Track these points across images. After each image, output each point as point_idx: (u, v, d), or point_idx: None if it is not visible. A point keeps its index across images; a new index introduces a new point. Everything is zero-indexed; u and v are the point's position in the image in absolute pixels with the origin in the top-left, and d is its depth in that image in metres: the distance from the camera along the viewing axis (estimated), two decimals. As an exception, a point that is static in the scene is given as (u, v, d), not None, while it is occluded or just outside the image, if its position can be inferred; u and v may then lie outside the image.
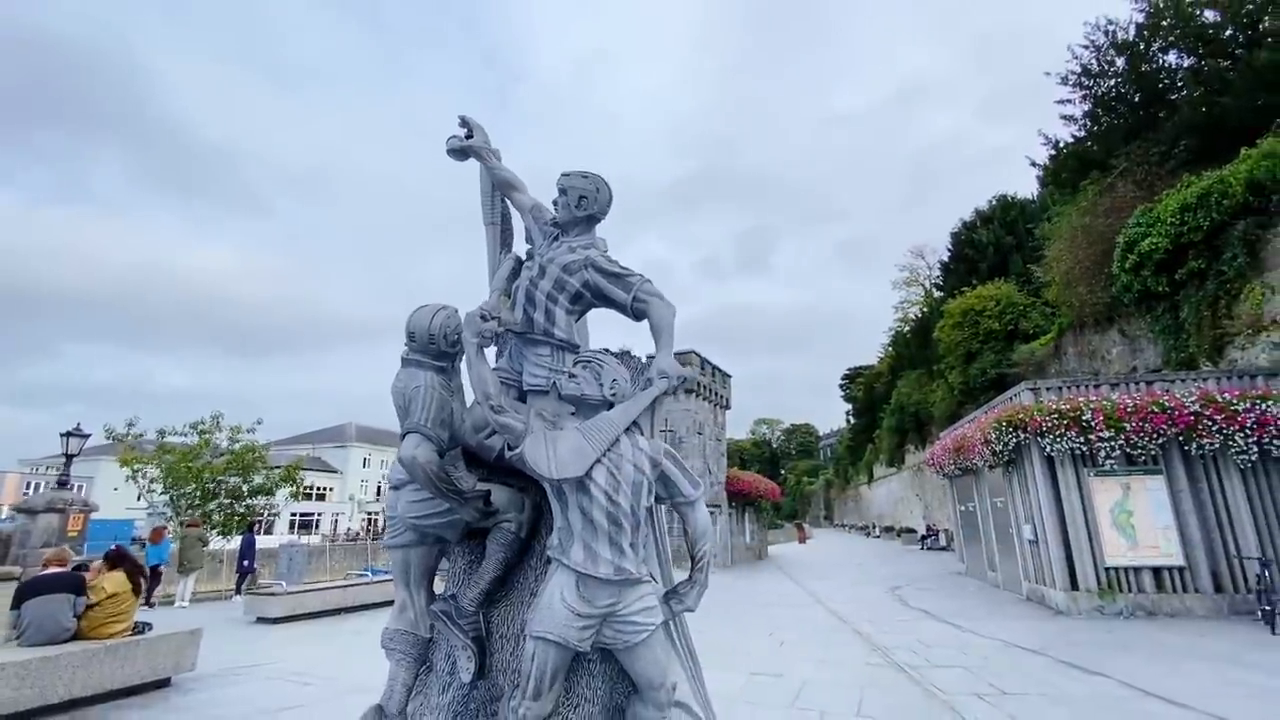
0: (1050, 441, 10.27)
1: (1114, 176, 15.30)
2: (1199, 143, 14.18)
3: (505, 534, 2.81)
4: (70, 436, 10.53)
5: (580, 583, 2.29)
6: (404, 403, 2.70)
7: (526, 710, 2.30)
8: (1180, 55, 15.55)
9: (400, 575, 2.86)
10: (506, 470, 2.92)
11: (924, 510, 34.51)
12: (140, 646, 5.87)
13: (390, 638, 2.80)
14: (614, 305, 2.94)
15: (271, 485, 16.58)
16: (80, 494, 10.00)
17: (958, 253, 30.09)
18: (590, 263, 2.89)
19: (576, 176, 3.00)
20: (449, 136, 3.44)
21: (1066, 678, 6.42)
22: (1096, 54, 16.85)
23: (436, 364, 2.81)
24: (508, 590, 2.85)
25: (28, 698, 5.04)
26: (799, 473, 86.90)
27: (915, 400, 33.30)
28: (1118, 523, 10.07)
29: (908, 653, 7.70)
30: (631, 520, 2.38)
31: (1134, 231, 13.28)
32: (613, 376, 2.56)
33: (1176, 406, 9.84)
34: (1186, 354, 12.83)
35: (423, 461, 2.50)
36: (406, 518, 2.76)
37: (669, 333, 2.81)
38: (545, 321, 2.88)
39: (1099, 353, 16.83)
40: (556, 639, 2.26)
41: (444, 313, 2.84)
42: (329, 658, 7.87)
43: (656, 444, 2.62)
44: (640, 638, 2.35)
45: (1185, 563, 9.74)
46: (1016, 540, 11.96)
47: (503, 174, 3.40)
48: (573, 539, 2.34)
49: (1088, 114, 17.60)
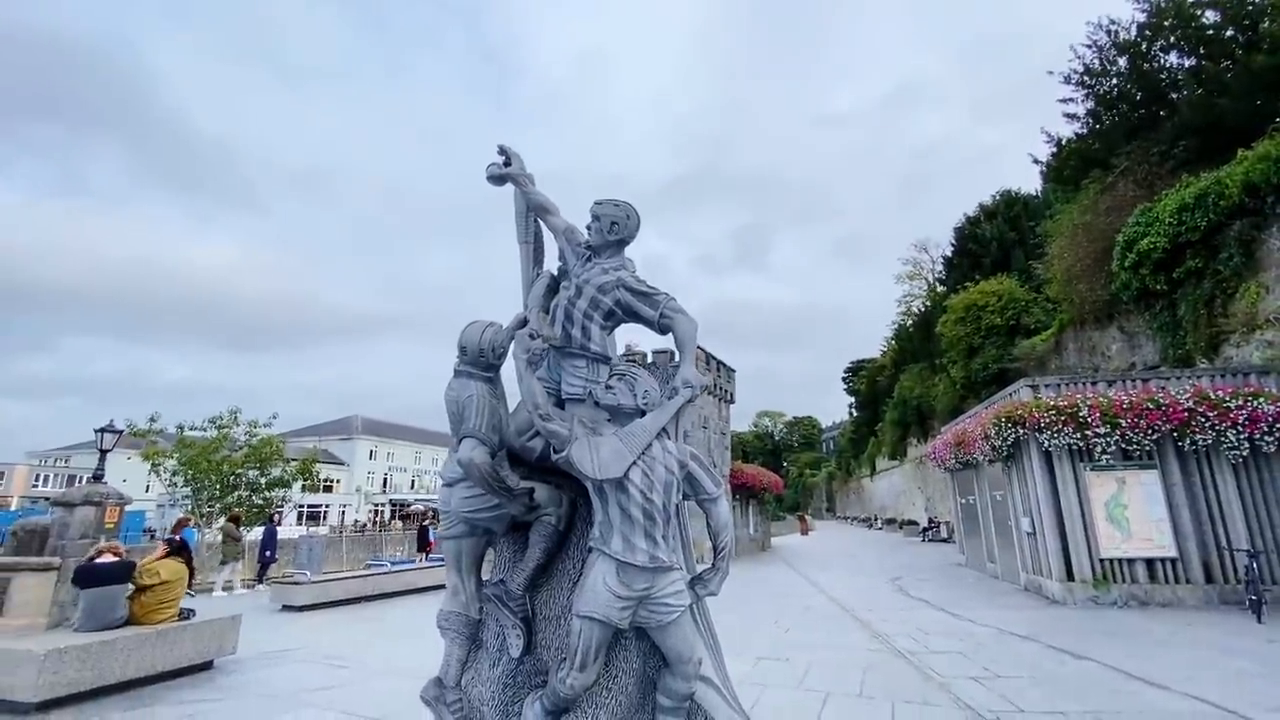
0: (1048, 437, 10.58)
1: (1115, 175, 15.52)
2: (1198, 143, 14.38)
3: (547, 526, 3.15)
4: (104, 433, 10.95)
5: (620, 569, 2.63)
6: (458, 410, 3.03)
7: (574, 680, 2.65)
8: (1181, 55, 15.71)
9: (453, 563, 3.20)
10: (545, 469, 3.26)
11: (926, 503, 34.87)
12: (187, 631, 6.28)
13: (445, 618, 3.14)
14: (643, 321, 3.26)
15: (289, 478, 17.04)
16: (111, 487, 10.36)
17: (961, 247, 30.27)
18: (622, 283, 3.22)
19: (609, 205, 3.32)
20: (489, 164, 3.75)
21: (1055, 662, 6.77)
22: (1099, 53, 17.01)
23: (485, 375, 3.14)
24: (549, 576, 3.20)
25: (88, 679, 5.44)
26: (801, 465, 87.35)
27: (918, 394, 33.60)
28: (1112, 516, 10.40)
29: (907, 639, 8.06)
30: (663, 515, 2.72)
31: (1133, 230, 13.53)
32: (645, 388, 2.90)
33: (1171, 404, 10.14)
34: (1183, 351, 13.11)
35: (479, 462, 2.83)
36: (460, 512, 3.10)
37: (692, 345, 3.15)
38: (582, 337, 3.21)
39: (1099, 349, 17.11)
40: (600, 618, 2.61)
41: (492, 329, 3.17)
42: (356, 642, 8.27)
43: (684, 447, 2.96)
44: (672, 617, 2.70)
45: (1177, 554, 10.06)
46: (1015, 532, 12.30)
47: (538, 198, 3.71)
48: (612, 531, 2.68)
49: (1090, 112, 17.77)
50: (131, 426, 15.97)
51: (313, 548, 13.78)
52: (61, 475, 53.29)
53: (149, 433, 15.95)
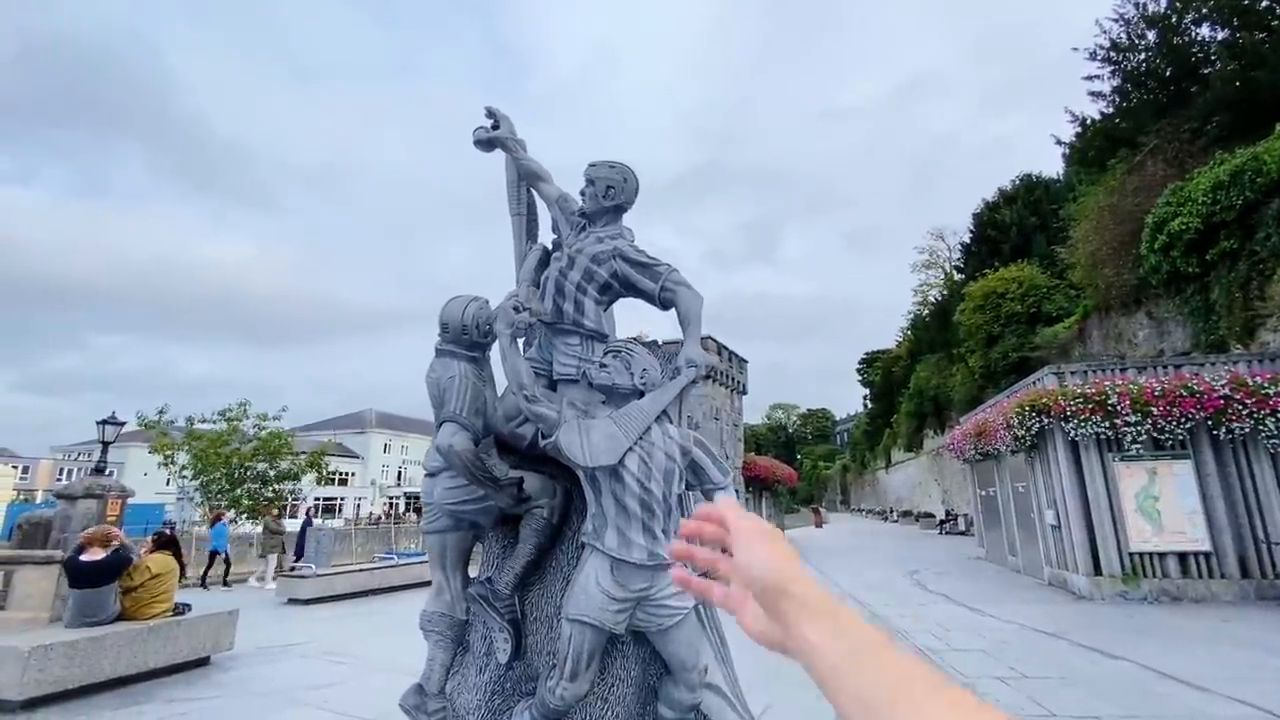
0: (1075, 426, 10.15)
1: (1144, 154, 14.90)
2: (1232, 119, 13.73)
3: (538, 520, 2.87)
4: (106, 424, 10.84)
5: (615, 567, 2.35)
6: (439, 392, 2.76)
7: (564, 690, 2.38)
8: (1214, 28, 15.01)
9: (436, 559, 2.94)
10: (537, 458, 2.98)
11: (942, 495, 34.31)
12: (181, 627, 6.11)
13: (428, 619, 2.89)
14: (642, 295, 2.96)
15: (298, 471, 16.97)
16: (115, 480, 10.27)
17: (979, 234, 29.52)
18: (618, 252, 2.92)
19: (604, 166, 3.02)
20: (475, 128, 3.46)
21: (1086, 661, 6.43)
22: (1126, 28, 16.33)
23: (469, 354, 2.86)
24: (541, 574, 2.93)
25: (76, 676, 5.28)
26: (815, 457, 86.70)
27: (934, 384, 32.95)
28: (1143, 508, 9.97)
29: (928, 636, 7.74)
30: (664, 506, 2.43)
31: (1164, 211, 12.96)
32: (643, 366, 2.60)
33: (1206, 390, 9.67)
34: (1217, 336, 12.56)
35: (459, 449, 2.56)
36: (443, 504, 2.83)
37: (697, 322, 2.84)
38: (574, 312, 2.92)
39: (1125, 335, 16.52)
40: (592, 622, 2.33)
41: (475, 304, 2.89)
42: (358, 637, 8.11)
43: (686, 432, 2.66)
44: (673, 621, 2.41)
45: (1211, 548, 9.63)
46: (1038, 525, 11.89)
47: (529, 165, 3.42)
48: (606, 525, 2.39)
49: (1116, 90, 17.09)
50: (142, 418, 15.98)
51: (320, 541, 13.68)
52: (84, 469, 54.17)
53: (158, 424, 15.94)
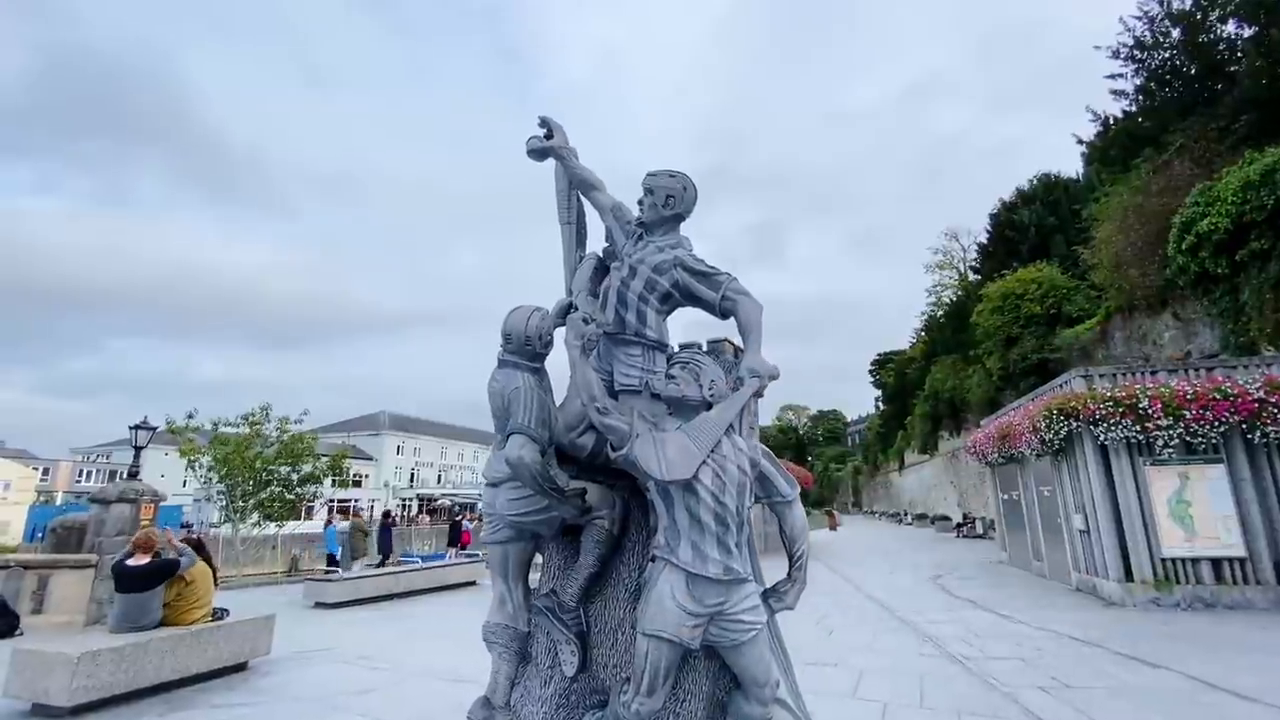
0: (1104, 430, 10.02)
1: (1170, 154, 14.70)
2: (1262, 117, 13.52)
3: (600, 530, 2.86)
4: (139, 429, 10.96)
5: (690, 582, 2.33)
6: (504, 404, 2.75)
7: (640, 705, 2.36)
8: (1240, 24, 14.79)
9: (499, 570, 2.93)
10: (595, 468, 2.98)
11: (959, 497, 33.99)
12: (220, 631, 6.16)
13: (491, 631, 2.89)
14: (702, 305, 2.95)
15: (320, 474, 17.12)
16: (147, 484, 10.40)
17: (997, 234, 29.24)
18: (679, 262, 2.91)
19: (664, 176, 3.01)
20: (529, 137, 3.46)
21: (1127, 670, 6.32)
22: (1150, 25, 16.13)
23: (531, 365, 2.86)
24: (603, 586, 2.92)
25: (121, 682, 5.34)
26: (826, 459, 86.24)
27: (950, 386, 32.64)
28: (1175, 513, 9.82)
29: (960, 643, 7.65)
30: (737, 520, 2.41)
31: (1191, 211, 12.78)
32: (711, 377, 2.59)
33: (1240, 393, 9.51)
34: (1247, 338, 12.36)
35: (528, 461, 2.56)
36: (505, 515, 2.82)
37: (758, 331, 2.82)
38: (637, 322, 2.91)
39: (1150, 337, 16.30)
40: (671, 637, 2.31)
41: (538, 314, 2.88)
42: (390, 641, 8.14)
43: (754, 444, 2.65)
44: (748, 636, 2.39)
45: (1246, 553, 9.46)
46: (1065, 530, 11.73)
47: (582, 173, 3.42)
48: (680, 539, 2.38)
49: (1140, 88, 16.89)
50: (170, 423, 16.17)
51: (344, 544, 13.82)
52: (103, 471, 54.93)
53: (185, 429, 16.13)
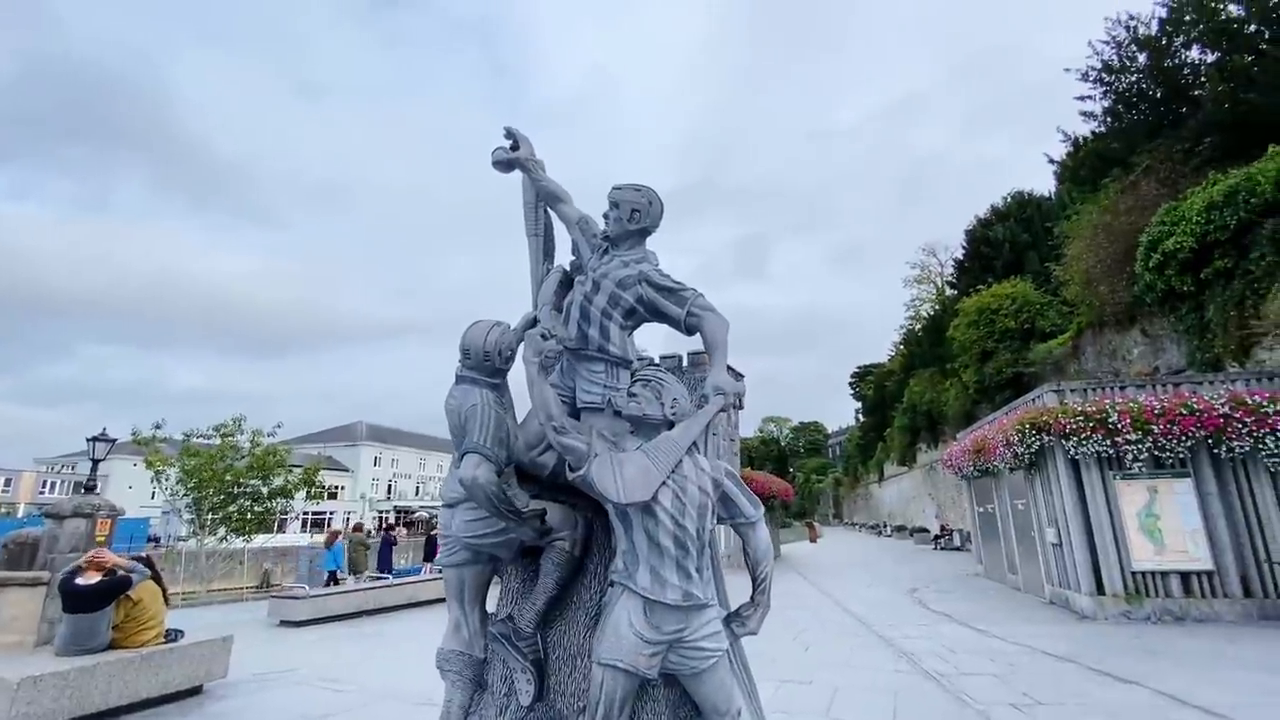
0: (1075, 444, 10.15)
1: (1137, 174, 15.09)
2: (1225, 139, 13.95)
3: (560, 553, 2.77)
4: (97, 441, 10.55)
5: (648, 608, 2.25)
6: (460, 421, 2.66)
7: (595, 738, 2.27)
8: (1204, 50, 15.31)
9: (454, 594, 2.83)
10: (557, 487, 2.89)
11: (936, 510, 34.27)
12: (174, 654, 5.91)
13: (445, 658, 2.77)
14: (667, 320, 2.89)
15: (291, 488, 16.68)
16: (104, 498, 10.01)
17: (972, 250, 29.79)
18: (644, 277, 2.85)
19: (629, 190, 2.96)
20: (494, 149, 3.40)
21: (1099, 686, 6.33)
22: (1117, 49, 16.63)
23: (491, 381, 2.78)
24: (562, 610, 2.82)
25: (65, 708, 5.08)
26: (807, 471, 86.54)
27: (928, 399, 33.02)
28: (1144, 526, 9.95)
29: (935, 659, 7.63)
30: (697, 544, 2.34)
31: (1158, 230, 13.09)
32: (673, 395, 2.52)
33: (1205, 409, 9.70)
34: (1212, 354, 12.65)
35: (483, 482, 2.47)
36: (461, 536, 2.73)
37: (723, 347, 2.76)
38: (600, 337, 2.84)
39: (1119, 352, 16.63)
40: (625, 666, 2.22)
41: (498, 329, 2.80)
42: (357, 662, 7.89)
43: (717, 463, 2.58)
44: (708, 664, 2.32)
45: (1214, 567, 9.60)
46: (1039, 543, 11.84)
47: (549, 186, 3.36)
48: (638, 563, 2.30)
49: (1108, 110, 17.38)
50: (136, 434, 15.66)
51: (314, 559, 13.43)
52: (68, 481, 53.17)
53: (152, 440, 15.62)
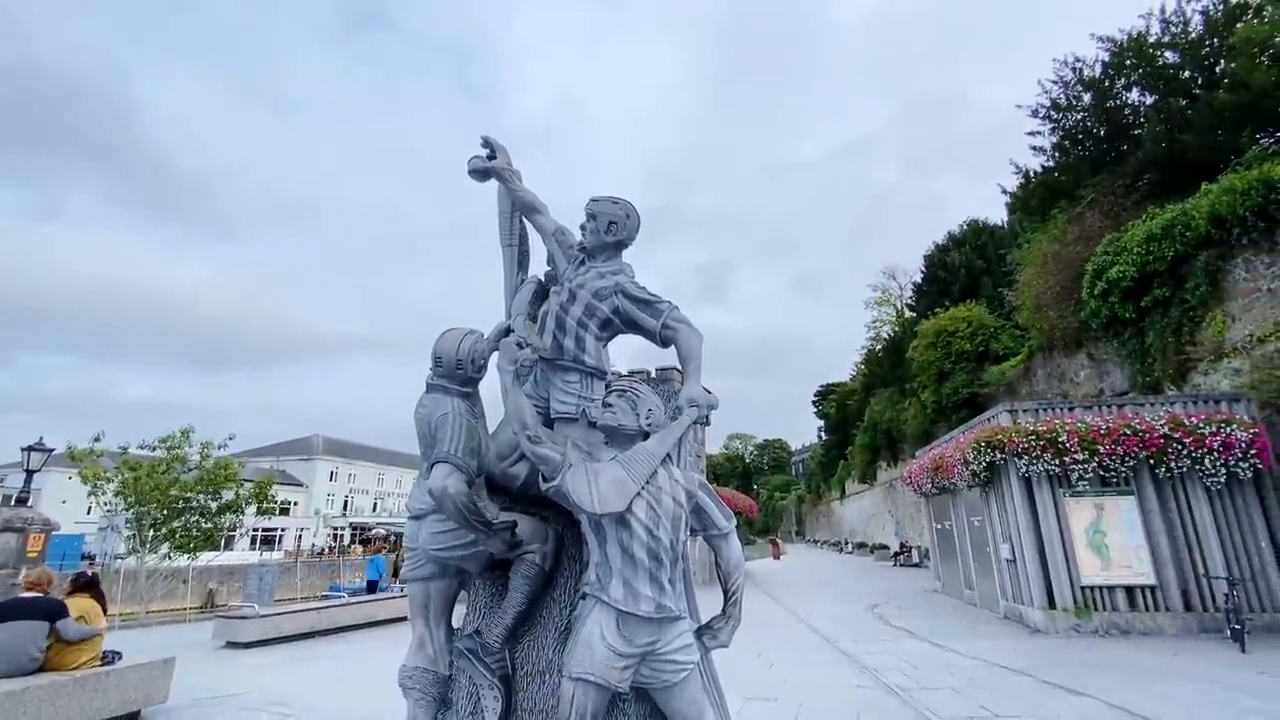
0: (1027, 463, 10.50)
1: (1083, 206, 15.91)
2: (1162, 176, 14.85)
3: (530, 566, 2.73)
4: (32, 451, 9.91)
5: (620, 621, 2.23)
6: (430, 430, 2.61)
7: (564, 754, 2.22)
8: (1143, 93, 16.34)
9: (419, 609, 2.75)
10: (528, 499, 2.86)
11: (896, 527, 34.92)
12: (110, 677, 5.56)
13: (409, 675, 2.68)
14: (642, 332, 2.91)
15: (241, 503, 15.94)
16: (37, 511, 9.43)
17: (930, 274, 30.83)
18: (620, 289, 2.87)
19: (606, 202, 2.98)
20: (471, 157, 3.39)
21: (1053, 698, 6.51)
22: (1064, 89, 17.61)
23: (462, 390, 2.74)
24: (531, 625, 2.78)
25: (-13, 735, 4.72)
26: (771, 488, 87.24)
27: (888, 418, 33.79)
28: (1092, 543, 10.33)
29: (896, 674, 7.73)
30: (671, 555, 2.34)
31: (1102, 260, 13.79)
32: (648, 406, 2.53)
33: (1147, 430, 10.17)
34: (1152, 378, 13.30)
35: (454, 492, 2.42)
36: (428, 549, 2.66)
37: (698, 360, 2.80)
38: (575, 348, 2.84)
39: (1068, 375, 17.35)
40: (597, 680, 2.19)
41: (471, 337, 2.77)
42: (307, 686, 7.56)
43: (691, 475, 2.59)
44: (680, 677, 2.30)
45: (1156, 581, 10.00)
46: (994, 559, 12.16)
47: (525, 196, 3.36)
48: (611, 575, 2.28)
49: (1056, 145, 18.34)
50: (71, 448, 14.80)
51: (263, 577, 12.85)
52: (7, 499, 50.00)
53: (89, 454, 14.75)
